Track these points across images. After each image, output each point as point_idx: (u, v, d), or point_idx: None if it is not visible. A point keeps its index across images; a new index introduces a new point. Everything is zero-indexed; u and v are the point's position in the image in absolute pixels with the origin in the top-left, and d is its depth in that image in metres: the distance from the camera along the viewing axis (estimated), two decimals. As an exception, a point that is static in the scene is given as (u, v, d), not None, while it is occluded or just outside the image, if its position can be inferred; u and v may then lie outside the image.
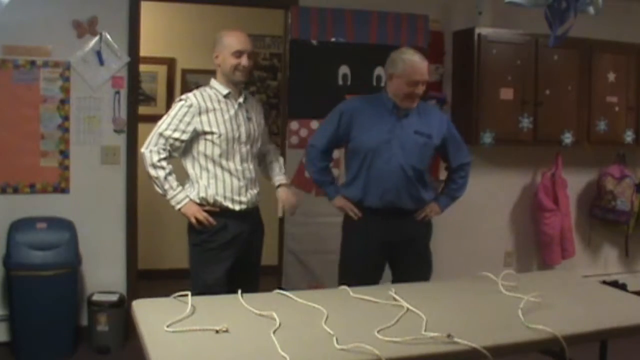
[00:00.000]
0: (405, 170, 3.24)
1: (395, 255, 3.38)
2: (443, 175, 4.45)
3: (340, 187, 3.43)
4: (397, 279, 3.32)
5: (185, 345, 2.06)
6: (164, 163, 3.05)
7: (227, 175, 3.11)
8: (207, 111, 3.08)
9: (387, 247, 3.33)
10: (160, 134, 3.05)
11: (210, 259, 3.11)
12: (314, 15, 4.38)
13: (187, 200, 3.08)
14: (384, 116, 3.27)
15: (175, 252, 4.96)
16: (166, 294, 2.55)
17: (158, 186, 3.08)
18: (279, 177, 3.36)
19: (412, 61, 3.19)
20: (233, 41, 3.10)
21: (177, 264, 4.65)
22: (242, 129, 3.14)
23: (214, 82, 3.18)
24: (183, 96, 3.14)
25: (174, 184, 3.07)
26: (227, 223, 3.12)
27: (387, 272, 3.44)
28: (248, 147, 3.17)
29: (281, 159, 3.46)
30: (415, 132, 3.27)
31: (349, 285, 2.80)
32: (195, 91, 3.16)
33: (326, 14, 4.40)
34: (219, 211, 3.10)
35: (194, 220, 3.08)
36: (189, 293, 2.47)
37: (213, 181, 3.11)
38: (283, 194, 3.32)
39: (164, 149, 3.05)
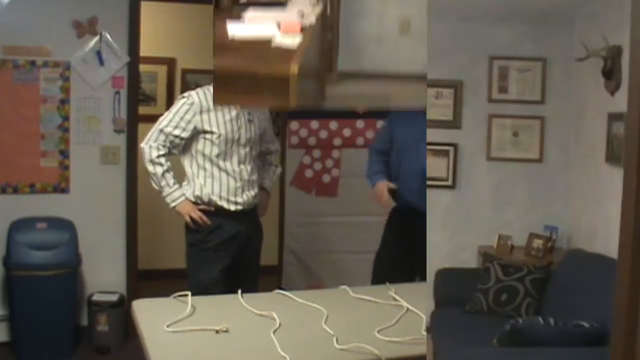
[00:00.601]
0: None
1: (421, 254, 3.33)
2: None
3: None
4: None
5: (185, 345, 2.06)
6: (162, 160, 3.05)
7: (224, 175, 3.10)
8: (209, 110, 3.08)
9: (414, 245, 3.28)
10: (161, 130, 3.06)
11: (206, 258, 3.11)
12: (314, 15, 4.37)
13: (182, 198, 3.08)
14: (417, 117, 3.24)
15: (175, 252, 4.92)
16: (166, 294, 2.55)
17: (155, 182, 3.08)
18: (263, 181, 3.36)
19: None
20: None
21: (177, 264, 4.62)
22: (242, 131, 3.13)
23: None
24: (185, 94, 3.14)
25: (171, 181, 3.07)
26: (222, 223, 3.11)
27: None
28: (247, 149, 3.16)
29: (277, 169, 3.47)
30: None
31: (382, 280, 2.78)
32: (198, 89, 3.15)
33: (326, 14, 4.40)
34: (213, 210, 3.10)
35: (188, 219, 3.08)
36: (189, 293, 2.48)
37: (209, 180, 3.10)
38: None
39: (164, 146, 3.05)
